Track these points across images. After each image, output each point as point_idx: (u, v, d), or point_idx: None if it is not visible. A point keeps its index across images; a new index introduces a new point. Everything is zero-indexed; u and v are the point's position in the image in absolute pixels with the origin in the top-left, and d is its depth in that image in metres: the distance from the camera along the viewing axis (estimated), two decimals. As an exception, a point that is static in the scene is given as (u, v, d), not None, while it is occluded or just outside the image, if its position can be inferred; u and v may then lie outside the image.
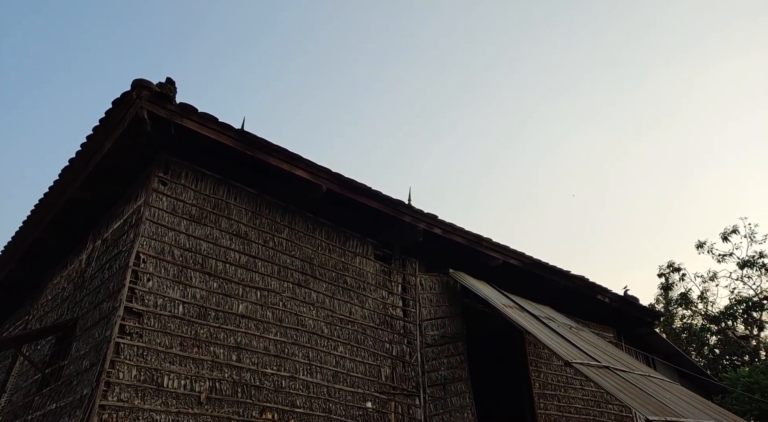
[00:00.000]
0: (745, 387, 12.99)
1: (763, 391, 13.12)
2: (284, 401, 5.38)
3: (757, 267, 20.87)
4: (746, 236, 21.41)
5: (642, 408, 5.54)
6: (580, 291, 9.18)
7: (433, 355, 7.13)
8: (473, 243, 7.74)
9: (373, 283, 6.88)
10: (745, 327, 21.06)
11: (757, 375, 13.80)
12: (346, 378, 6.02)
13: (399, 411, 6.33)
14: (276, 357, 5.52)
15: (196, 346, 5.00)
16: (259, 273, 5.78)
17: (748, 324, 20.97)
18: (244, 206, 5.97)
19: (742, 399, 12.83)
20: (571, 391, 8.69)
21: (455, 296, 7.86)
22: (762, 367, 14.85)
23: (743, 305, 20.80)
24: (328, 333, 6.10)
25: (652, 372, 8.11)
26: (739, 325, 21.15)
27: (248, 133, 5.56)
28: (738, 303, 20.92)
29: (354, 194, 6.43)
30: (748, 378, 13.64)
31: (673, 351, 12.13)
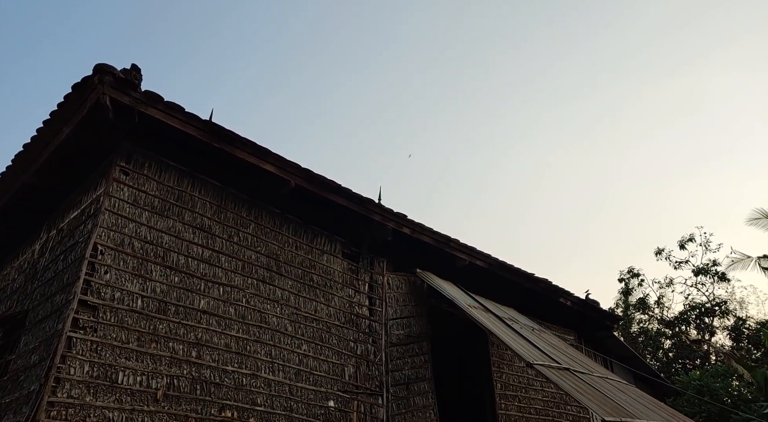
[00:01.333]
0: (695, 390, 13.50)
1: (712, 394, 13.66)
2: (245, 399, 5.27)
3: (710, 275, 21.73)
4: (701, 245, 22.26)
5: (599, 409, 5.66)
6: (544, 294, 9.34)
7: (397, 354, 7.12)
8: (441, 243, 7.77)
9: (340, 281, 6.83)
10: (697, 332, 21.89)
11: (707, 379, 14.36)
12: (309, 376, 5.95)
13: (362, 411, 6.29)
14: (237, 355, 5.40)
15: (155, 342, 4.84)
16: (223, 269, 5.65)
17: (700, 329, 21.80)
18: (209, 199, 5.82)
19: (693, 401, 13.33)
20: (532, 392, 8.83)
21: (422, 296, 7.87)
22: (712, 371, 15.46)
23: (696, 310, 21.62)
24: (292, 330, 6.02)
25: (609, 374, 8.31)
26: (692, 330, 21.98)
27: (215, 124, 5.43)
28: (691, 309, 21.73)
29: (323, 191, 6.36)
30: (698, 381, 14.19)
31: (630, 354, 12.49)
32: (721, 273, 21.30)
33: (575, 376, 6.60)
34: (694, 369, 18.47)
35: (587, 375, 6.91)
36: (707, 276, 21.69)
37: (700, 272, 21.75)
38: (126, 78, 4.74)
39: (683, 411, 11.18)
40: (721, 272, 21.28)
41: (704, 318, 21.42)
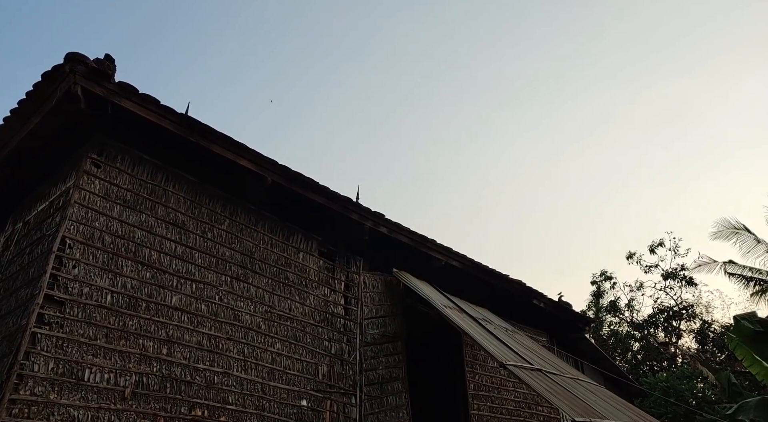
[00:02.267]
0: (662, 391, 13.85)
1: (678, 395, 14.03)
2: (216, 397, 5.19)
3: (679, 279, 22.29)
4: (671, 250, 22.84)
5: (569, 410, 5.74)
6: (517, 295, 9.44)
7: (372, 354, 7.11)
8: (418, 243, 7.79)
9: (316, 280, 6.78)
10: (665, 334, 22.45)
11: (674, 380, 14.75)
12: (282, 375, 5.89)
13: (334, 410, 6.26)
14: (209, 352, 5.32)
15: (124, 338, 4.73)
16: (196, 265, 5.56)
17: (668, 332, 22.36)
18: (183, 194, 5.72)
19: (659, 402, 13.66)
20: (504, 392, 8.92)
21: (397, 296, 7.88)
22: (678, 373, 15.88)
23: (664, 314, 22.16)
24: (266, 329, 5.95)
25: (580, 376, 8.46)
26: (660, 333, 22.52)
27: (191, 118, 5.34)
28: (660, 312, 22.27)
29: (301, 189, 6.31)
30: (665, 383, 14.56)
31: (600, 356, 12.73)
32: (688, 278, 21.89)
33: (547, 377, 6.69)
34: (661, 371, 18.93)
35: (558, 376, 7.01)
36: (675, 280, 22.27)
37: (669, 276, 22.33)
38: (99, 68, 4.62)
39: (650, 412, 11.44)
40: (688, 277, 21.87)
41: (672, 321, 21.98)
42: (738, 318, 7.85)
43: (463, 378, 8.44)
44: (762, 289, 19.84)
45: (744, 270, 19.94)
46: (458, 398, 8.52)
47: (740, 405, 7.27)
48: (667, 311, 21.97)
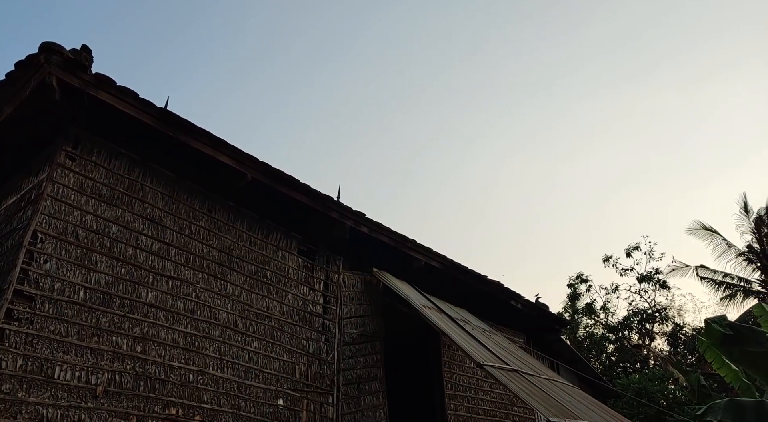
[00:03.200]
0: (634, 392, 14.11)
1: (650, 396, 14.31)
2: (191, 396, 5.12)
3: (653, 282, 22.74)
4: (646, 253, 23.28)
5: (544, 410, 5.81)
6: (496, 296, 9.52)
7: (350, 353, 7.09)
8: (398, 243, 7.79)
9: (295, 278, 6.74)
10: (638, 337, 22.88)
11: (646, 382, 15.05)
12: (258, 374, 5.84)
13: (311, 409, 6.23)
14: (185, 350, 5.25)
15: (97, 335, 4.64)
16: (173, 261, 5.47)
17: (641, 335, 22.79)
18: (160, 189, 5.63)
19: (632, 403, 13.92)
20: (481, 393, 8.98)
21: (377, 296, 7.88)
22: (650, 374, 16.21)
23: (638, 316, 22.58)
24: (243, 327, 5.89)
25: (556, 377, 8.57)
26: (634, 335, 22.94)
27: (170, 112, 5.25)
28: (634, 315, 22.69)
29: (281, 186, 6.26)
30: (637, 384, 14.85)
31: (575, 357, 12.92)
32: (662, 281, 22.35)
33: (523, 378, 6.76)
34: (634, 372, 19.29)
35: (534, 377, 7.09)
36: (650, 284, 22.72)
37: (644, 279, 22.77)
38: (75, 59, 4.52)
39: (623, 413, 11.64)
40: (662, 281, 22.34)
41: (645, 324, 22.42)
42: (708, 321, 8.01)
43: (441, 378, 8.47)
44: (732, 293, 20.39)
45: (715, 275, 20.48)
46: (435, 398, 8.56)
47: (709, 407, 7.42)
48: (641, 313, 22.40)
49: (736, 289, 20.18)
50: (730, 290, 20.23)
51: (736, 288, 20.16)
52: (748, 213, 20.57)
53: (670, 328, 22.18)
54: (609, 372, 21.08)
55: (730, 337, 7.74)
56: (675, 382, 16.42)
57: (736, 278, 20.22)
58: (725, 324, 7.95)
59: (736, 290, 20.16)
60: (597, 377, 13.38)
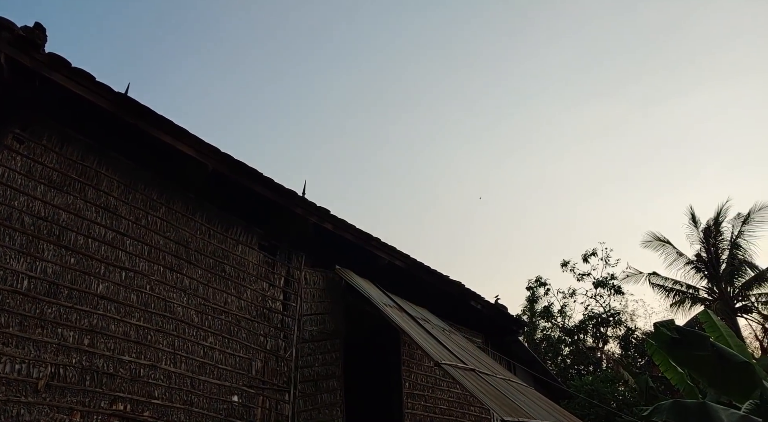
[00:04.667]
0: (587, 394, 14.50)
1: (601, 397, 14.74)
2: (140, 391, 4.96)
3: (608, 288, 23.45)
4: (602, 260, 23.98)
5: (499, 409, 5.89)
6: (456, 296, 9.61)
7: (308, 351, 7.02)
8: (362, 241, 7.76)
9: (254, 274, 6.62)
10: (593, 340, 23.55)
11: (598, 384, 15.50)
12: (213, 369, 5.71)
13: (266, 406, 6.13)
14: (136, 344, 5.08)
15: (41, 327, 4.43)
16: (127, 252, 5.29)
17: (595, 338, 23.47)
18: (116, 177, 5.43)
19: (584, 403, 14.31)
20: (438, 392, 9.05)
21: (339, 294, 7.82)
22: (602, 376, 16.71)
23: (593, 320, 23.24)
24: (199, 321, 5.75)
25: (512, 377, 8.71)
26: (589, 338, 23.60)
27: (129, 98, 5.08)
28: (589, 319, 23.33)
29: (244, 179, 6.14)
30: (590, 386, 15.27)
31: (532, 359, 13.19)
32: (617, 287, 23.08)
33: (479, 377, 6.84)
34: (587, 374, 19.84)
35: (491, 377, 7.18)
36: (605, 289, 23.42)
37: (599, 284, 23.45)
38: (27, 36, 4.30)
39: (575, 413, 11.94)
40: (617, 286, 23.07)
41: (600, 328, 23.10)
42: (657, 325, 8.30)
43: (399, 376, 8.49)
44: (681, 299, 21.25)
45: (666, 282, 21.32)
46: (393, 396, 8.57)
47: (655, 407, 7.68)
48: (596, 318, 23.06)
49: (684, 296, 21.05)
50: (679, 296, 21.10)
51: (685, 295, 21.04)
52: (696, 224, 21.48)
53: (622, 332, 22.93)
54: (564, 373, 21.61)
55: (677, 341, 8.04)
56: (625, 384, 16.97)
57: (685, 286, 21.10)
58: (673, 329, 8.26)
59: (685, 297, 21.03)
60: (552, 378, 13.70)
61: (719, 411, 7.15)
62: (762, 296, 20.01)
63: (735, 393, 8.20)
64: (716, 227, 20.92)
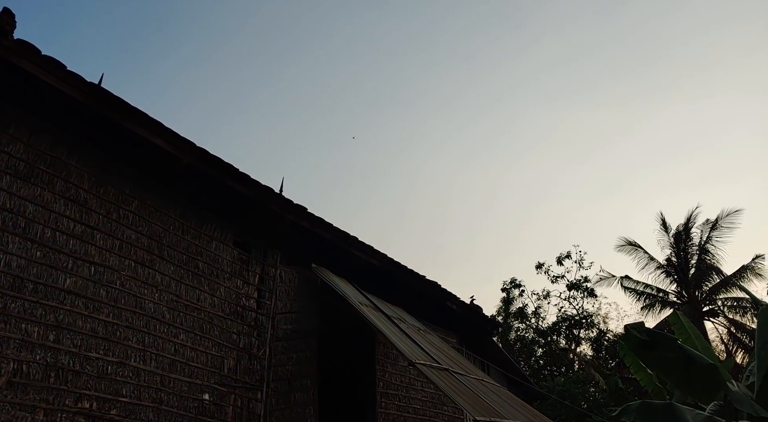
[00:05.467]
0: (558, 395, 14.72)
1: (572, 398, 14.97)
2: (108, 389, 4.84)
3: (581, 290, 23.83)
4: (576, 262, 24.36)
5: (471, 409, 5.93)
6: (432, 296, 9.64)
7: (282, 349, 6.96)
8: (339, 240, 7.73)
9: (228, 271, 6.53)
10: (566, 342, 23.91)
11: (570, 385, 15.74)
12: (184, 367, 5.61)
13: (238, 405, 6.06)
14: (104, 340, 4.96)
15: (3, 322, 4.29)
16: (97, 246, 5.16)
17: (568, 340, 23.83)
18: (87, 170, 5.29)
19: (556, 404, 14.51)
20: (412, 392, 9.06)
21: (314, 292, 7.77)
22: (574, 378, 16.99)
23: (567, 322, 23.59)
24: (170, 318, 5.64)
25: (485, 377, 8.78)
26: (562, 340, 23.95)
27: (102, 88, 4.96)
28: (563, 321, 23.68)
29: (219, 174, 6.05)
30: (562, 387, 15.51)
31: (505, 359, 13.31)
32: (590, 289, 23.49)
33: (453, 377, 6.87)
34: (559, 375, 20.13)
35: (464, 377, 7.22)
36: (578, 291, 23.80)
37: (573, 287, 23.83)
38: (-4, 22, 4.17)
39: (547, 414, 12.11)
40: (590, 289, 23.47)
41: (573, 330, 23.46)
42: (628, 327, 8.45)
43: (374, 375, 8.47)
44: (651, 303, 21.73)
45: (637, 285, 21.77)
46: (367, 396, 8.55)
47: (623, 408, 7.82)
48: (569, 319, 23.42)
49: (655, 299, 21.54)
50: (650, 300, 21.58)
51: (655, 298, 21.53)
52: (667, 229, 21.99)
53: (594, 334, 23.33)
54: (537, 374, 21.90)
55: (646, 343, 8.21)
56: (596, 385, 17.27)
57: (656, 289, 21.59)
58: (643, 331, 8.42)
59: (655, 301, 21.52)
60: (525, 379, 13.85)
61: (685, 412, 7.32)
62: (728, 300, 20.60)
63: (700, 395, 8.40)
64: (686, 232, 21.46)
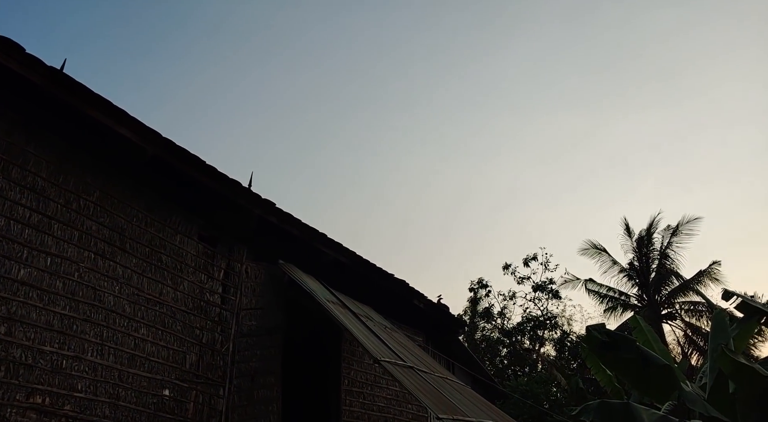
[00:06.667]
0: (522, 394, 14.98)
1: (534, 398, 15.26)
2: (62, 383, 4.70)
3: (547, 292, 24.30)
4: (542, 264, 24.82)
5: (434, 407, 5.98)
6: (400, 295, 9.68)
7: (246, 346, 6.87)
8: (308, 236, 7.68)
9: (193, 265, 6.42)
10: (530, 342, 24.35)
11: (533, 385, 16.05)
12: (144, 362, 5.49)
13: (200, 401, 5.96)
14: (60, 334, 4.81)
15: (-49, 313, 4.12)
16: (54, 237, 5.00)
17: (532, 340, 24.27)
18: (46, 158, 5.11)
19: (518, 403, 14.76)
20: (377, 389, 9.09)
21: (281, 289, 7.70)
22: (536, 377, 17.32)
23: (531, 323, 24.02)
24: (131, 312, 5.51)
25: (449, 376, 8.87)
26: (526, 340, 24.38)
27: (64, 74, 4.79)
28: (527, 321, 24.10)
29: (185, 166, 5.93)
30: (525, 387, 15.79)
31: (470, 359, 13.48)
32: (555, 291, 23.98)
33: (417, 375, 6.91)
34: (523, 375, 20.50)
35: (428, 375, 7.28)
36: (544, 293, 24.27)
37: (538, 288, 24.28)
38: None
39: (509, 413, 12.30)
40: (555, 290, 23.97)
41: (537, 330, 23.91)
42: (590, 328, 8.67)
43: (339, 373, 8.46)
44: (613, 305, 22.31)
45: (601, 288, 22.33)
46: (331, 393, 8.53)
47: (583, 407, 8.02)
48: (533, 320, 23.86)
49: (617, 302, 22.13)
50: (612, 302, 22.16)
51: (617, 301, 22.12)
52: (630, 234, 22.63)
53: (558, 335, 23.84)
54: (501, 374, 22.24)
55: (607, 344, 8.42)
56: (558, 385, 17.65)
57: (618, 293, 22.19)
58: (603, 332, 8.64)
59: (617, 303, 22.12)
60: (489, 378, 14.05)
61: (641, 411, 7.55)
62: (685, 304, 21.34)
63: (656, 395, 8.68)
64: (648, 237, 22.12)
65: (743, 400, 7.48)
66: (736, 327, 9.24)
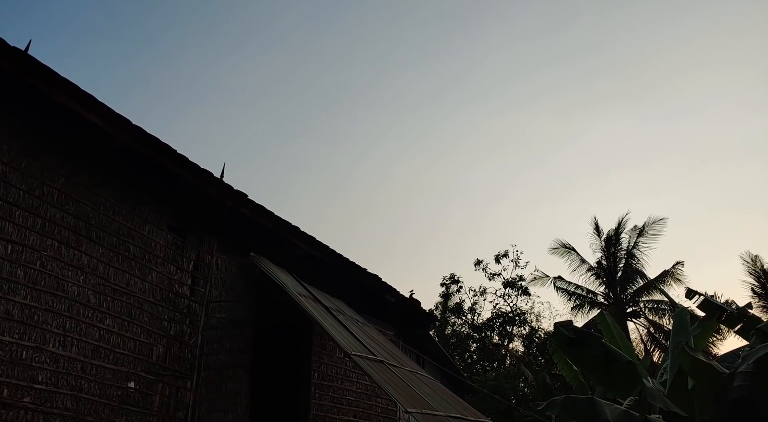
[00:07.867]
0: (490, 389, 15.22)
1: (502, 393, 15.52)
2: (21, 375, 4.56)
3: (516, 288, 24.68)
4: (513, 261, 25.19)
5: (403, 401, 6.02)
6: (372, 289, 9.69)
7: (215, 338, 6.79)
8: (280, 229, 7.60)
9: (161, 256, 6.30)
10: (499, 337, 24.72)
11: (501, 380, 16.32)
12: (109, 354, 5.37)
13: (166, 393, 5.87)
14: (20, 324, 4.66)
15: None
16: (16, 224, 4.83)
17: (501, 336, 24.64)
18: (8, 142, 4.91)
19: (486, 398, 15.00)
20: (347, 383, 9.10)
21: (252, 281, 7.62)
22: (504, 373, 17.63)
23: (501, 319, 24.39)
24: (96, 302, 5.38)
25: (419, 370, 8.94)
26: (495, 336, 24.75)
27: (29, 55, 4.62)
28: (497, 317, 24.46)
29: (155, 154, 5.80)
30: (493, 382, 16.05)
31: (441, 353, 13.61)
32: (524, 288, 24.38)
33: (387, 369, 6.95)
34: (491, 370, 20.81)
35: (398, 369, 7.32)
36: (514, 289, 24.65)
37: (509, 284, 24.65)
38: None
39: (477, 407, 12.47)
40: (525, 287, 24.36)
41: (506, 326, 24.29)
42: (557, 325, 8.84)
43: (309, 367, 8.44)
44: (581, 303, 22.81)
45: (569, 286, 22.80)
46: (301, 387, 8.51)
47: (549, 402, 8.20)
48: (503, 316, 24.23)
49: (584, 300, 22.64)
50: (580, 300, 22.67)
51: (585, 299, 22.63)
52: (599, 234, 23.15)
53: (527, 331, 24.26)
54: (470, 369, 22.53)
55: (574, 341, 8.62)
56: (525, 380, 17.98)
57: (586, 291, 22.69)
58: (570, 329, 8.84)
59: (585, 301, 22.63)
60: (458, 373, 14.22)
61: (604, 406, 7.75)
62: (649, 302, 21.98)
63: (619, 390, 8.92)
64: (616, 237, 22.67)
65: (701, 396, 7.76)
66: (697, 326, 9.55)
